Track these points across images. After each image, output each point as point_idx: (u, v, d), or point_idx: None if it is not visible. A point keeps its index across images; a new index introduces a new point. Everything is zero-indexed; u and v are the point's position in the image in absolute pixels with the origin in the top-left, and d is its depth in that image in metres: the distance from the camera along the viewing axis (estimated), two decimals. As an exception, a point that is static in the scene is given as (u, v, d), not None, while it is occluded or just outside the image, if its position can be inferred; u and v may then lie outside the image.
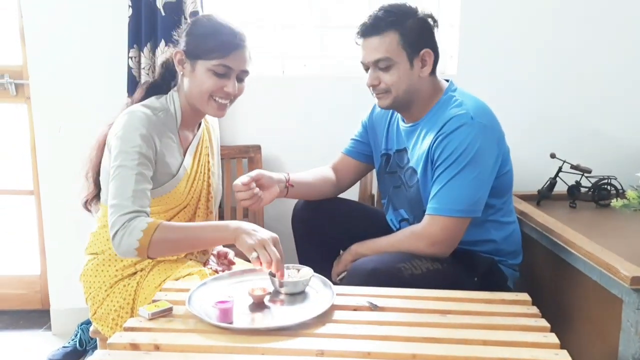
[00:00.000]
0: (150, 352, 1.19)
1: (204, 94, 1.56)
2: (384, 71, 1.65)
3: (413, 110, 1.73)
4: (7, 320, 2.62)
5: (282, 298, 1.43)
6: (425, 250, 1.62)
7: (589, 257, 1.59)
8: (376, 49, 1.64)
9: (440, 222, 1.61)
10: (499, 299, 1.45)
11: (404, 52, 1.64)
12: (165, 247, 1.46)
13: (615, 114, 2.41)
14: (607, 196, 2.10)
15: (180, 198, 1.63)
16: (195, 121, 1.68)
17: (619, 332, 1.49)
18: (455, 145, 1.59)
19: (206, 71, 1.54)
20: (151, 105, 1.59)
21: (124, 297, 1.59)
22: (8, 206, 2.83)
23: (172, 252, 1.57)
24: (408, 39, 1.63)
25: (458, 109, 1.64)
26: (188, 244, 1.52)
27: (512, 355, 1.17)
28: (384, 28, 1.63)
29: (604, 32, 2.35)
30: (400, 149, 1.81)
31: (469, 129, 1.60)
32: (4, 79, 2.47)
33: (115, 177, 1.47)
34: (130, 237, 1.41)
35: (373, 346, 1.20)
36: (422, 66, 1.67)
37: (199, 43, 1.54)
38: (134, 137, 1.49)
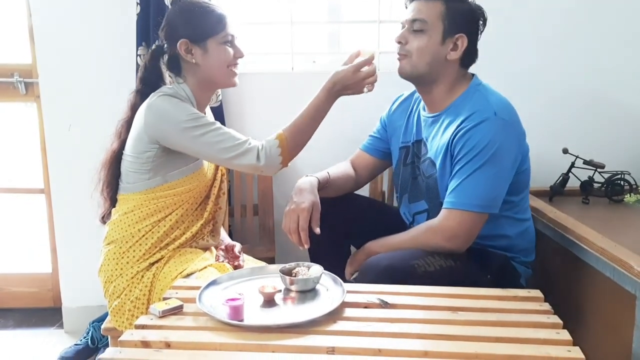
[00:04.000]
0: (161, 350, 1.19)
1: (223, 67, 1.67)
2: (414, 33, 1.66)
3: (435, 94, 1.72)
4: (19, 318, 2.64)
5: (292, 295, 1.43)
6: (442, 244, 1.61)
7: (601, 253, 1.58)
8: (418, 10, 1.65)
9: (458, 216, 1.59)
10: (511, 296, 1.44)
11: (440, 25, 1.64)
12: (299, 138, 1.68)
13: (628, 108, 2.38)
14: (621, 191, 2.08)
15: (203, 178, 1.72)
16: (205, 103, 1.77)
17: (632, 328, 1.48)
18: (476, 140, 1.58)
19: (219, 45, 1.65)
20: (166, 92, 1.65)
21: (141, 288, 1.63)
22: (19, 205, 2.84)
23: (306, 138, 1.72)
24: (450, 16, 1.64)
25: (481, 103, 1.63)
26: (311, 125, 1.70)
27: (524, 352, 1.16)
28: None
29: (618, 25, 2.32)
30: (419, 139, 1.80)
31: (490, 124, 1.59)
32: (14, 77, 2.49)
33: (206, 144, 1.59)
34: (272, 154, 1.62)
35: (384, 343, 1.20)
36: (452, 49, 1.66)
37: (200, 25, 1.63)
38: (178, 110, 1.59)
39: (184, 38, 1.63)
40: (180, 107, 1.60)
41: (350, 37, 2.59)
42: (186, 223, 1.70)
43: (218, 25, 1.63)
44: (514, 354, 1.16)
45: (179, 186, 1.67)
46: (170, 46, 1.67)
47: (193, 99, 1.69)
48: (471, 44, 1.68)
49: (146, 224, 1.65)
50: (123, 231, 1.67)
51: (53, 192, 2.48)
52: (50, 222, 2.59)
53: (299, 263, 1.51)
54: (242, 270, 1.57)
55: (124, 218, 1.67)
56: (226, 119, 2.38)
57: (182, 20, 1.64)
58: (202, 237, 1.76)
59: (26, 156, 2.69)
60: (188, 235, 1.71)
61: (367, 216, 1.89)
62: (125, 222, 1.67)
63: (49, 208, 2.57)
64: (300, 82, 2.41)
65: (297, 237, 1.66)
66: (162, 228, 1.66)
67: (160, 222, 1.66)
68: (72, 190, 2.40)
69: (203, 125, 1.59)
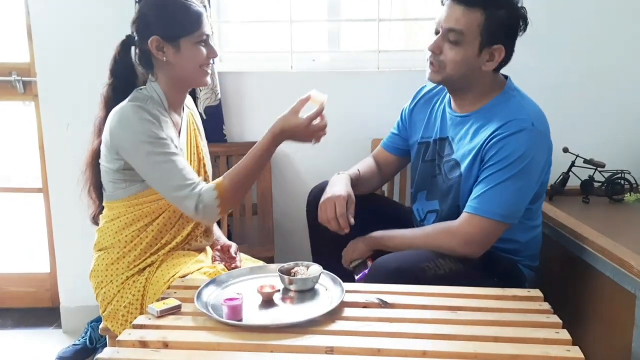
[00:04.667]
0: (159, 350, 1.19)
1: (196, 67, 1.60)
2: (450, 44, 1.58)
3: (467, 98, 1.68)
4: (17, 318, 2.63)
5: (291, 295, 1.42)
6: (457, 248, 1.58)
7: (601, 252, 1.57)
8: (456, 19, 1.56)
9: (480, 222, 1.57)
10: (511, 295, 1.43)
11: (479, 37, 1.57)
12: (238, 189, 1.56)
13: (629, 107, 2.37)
14: (621, 191, 2.07)
15: None
16: (180, 102, 1.70)
17: (632, 328, 1.47)
18: (511, 149, 1.54)
19: (193, 45, 1.57)
20: (135, 97, 1.60)
21: (133, 293, 1.60)
22: (17, 204, 2.83)
23: (246, 188, 1.64)
24: (490, 27, 1.56)
25: (519, 111, 1.59)
26: (253, 169, 1.59)
27: (524, 352, 1.16)
28: (475, 4, 1.56)
29: (618, 24, 2.32)
30: (443, 137, 1.75)
31: (528, 135, 1.55)
32: (12, 76, 2.48)
33: (152, 171, 1.53)
34: (209, 205, 1.50)
35: (383, 343, 1.19)
36: (489, 60, 1.61)
37: (173, 23, 1.56)
38: (142, 126, 1.52)
39: (155, 35, 1.55)
40: (146, 125, 1.52)
41: (350, 36, 2.58)
42: (175, 227, 1.66)
43: (193, 25, 1.56)
44: (514, 354, 1.15)
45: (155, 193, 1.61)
46: (141, 41, 1.59)
47: (165, 99, 1.63)
48: (508, 52, 1.63)
49: (132, 231, 1.62)
50: (111, 238, 1.64)
51: (51, 191, 2.47)
52: (48, 222, 2.58)
53: (298, 263, 1.50)
54: (241, 270, 1.57)
55: (110, 225, 1.65)
56: (225, 118, 2.37)
57: (155, 15, 1.57)
58: (195, 239, 1.73)
59: (24, 155, 2.69)
60: (179, 240, 1.67)
61: (373, 210, 1.86)
62: (111, 229, 1.64)
63: (47, 207, 2.56)
64: (299, 80, 2.41)
65: (336, 223, 1.64)
66: (150, 234, 1.63)
67: (147, 227, 1.63)
68: (71, 189, 2.36)
69: (160, 153, 1.51)
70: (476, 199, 1.58)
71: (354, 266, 1.76)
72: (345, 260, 1.77)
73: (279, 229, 2.41)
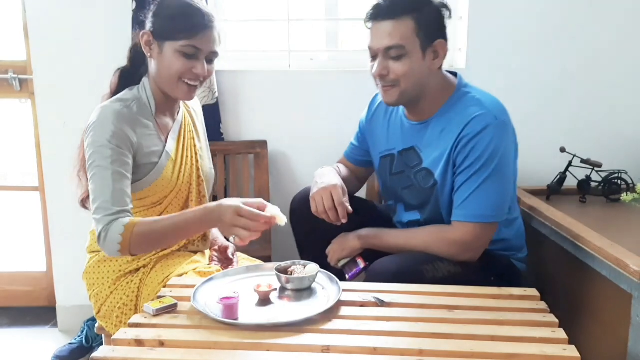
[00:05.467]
0: (154, 348, 1.18)
1: (173, 77, 1.53)
2: (394, 60, 1.55)
3: (422, 106, 1.65)
4: (13, 317, 2.62)
5: (288, 294, 1.42)
6: (457, 256, 1.58)
7: (598, 251, 1.57)
8: (390, 35, 1.53)
9: (472, 228, 1.56)
10: (507, 295, 1.43)
11: (417, 41, 1.54)
12: (146, 242, 1.44)
13: (626, 107, 2.38)
14: (618, 190, 2.07)
15: (170, 184, 1.61)
16: (171, 106, 1.65)
17: (628, 327, 1.47)
18: (482, 148, 1.53)
19: (174, 52, 1.51)
20: (123, 97, 1.57)
21: (127, 294, 1.59)
22: (13, 202, 2.83)
23: (155, 246, 1.53)
24: (424, 27, 1.54)
25: (479, 107, 1.57)
26: (170, 235, 1.47)
27: (520, 351, 1.16)
28: (401, 12, 1.52)
29: (614, 23, 2.32)
30: (407, 147, 1.71)
31: (494, 130, 1.54)
32: (8, 74, 2.47)
33: (92, 178, 1.47)
34: (111, 239, 1.41)
35: (380, 342, 1.19)
36: (434, 58, 1.58)
37: (166, 24, 1.51)
38: (104, 134, 1.47)
39: (149, 29, 1.53)
40: (109, 128, 1.46)
41: (348, 35, 2.58)
42: None
43: (184, 32, 1.49)
44: (510, 353, 1.15)
45: (145, 196, 1.58)
46: (140, 31, 1.56)
47: (153, 101, 1.59)
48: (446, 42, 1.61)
49: None
50: None
51: (47, 190, 2.47)
52: (45, 221, 2.57)
53: (295, 262, 1.50)
54: (238, 269, 1.56)
55: None
56: (222, 116, 2.37)
57: (158, 10, 1.54)
58: (192, 243, 1.71)
59: (21, 153, 2.68)
60: (174, 248, 1.66)
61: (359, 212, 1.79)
62: None
63: (43, 206, 2.56)
64: (297, 80, 2.41)
65: (334, 213, 1.59)
66: None
67: None
68: (67, 188, 2.35)
69: (104, 168, 1.44)
70: (462, 205, 1.58)
71: (342, 265, 1.73)
72: (332, 259, 1.73)
73: (276, 228, 2.39)
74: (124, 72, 1.66)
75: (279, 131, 2.43)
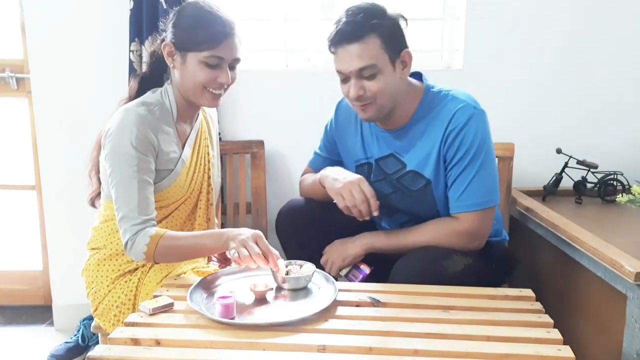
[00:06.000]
0: (151, 347, 1.19)
1: (198, 86, 1.54)
2: (368, 79, 1.56)
3: (395, 116, 1.65)
4: (9, 315, 2.62)
5: (284, 294, 1.42)
6: (467, 246, 1.61)
7: (593, 252, 1.58)
8: (359, 57, 1.53)
9: (477, 216, 1.60)
10: (502, 295, 1.44)
11: (387, 56, 1.55)
12: (169, 254, 1.50)
13: (622, 109, 2.38)
14: (613, 192, 2.08)
15: (182, 191, 1.62)
16: (192, 113, 1.66)
17: (623, 328, 1.48)
18: (470, 139, 1.58)
19: (198, 63, 1.51)
20: (146, 101, 1.57)
21: (125, 293, 1.59)
22: (10, 201, 2.82)
23: (176, 260, 1.56)
24: (389, 41, 1.55)
25: (456, 102, 1.61)
26: (190, 252, 1.52)
27: (515, 351, 1.16)
28: (365, 33, 1.53)
29: (612, 24, 2.32)
30: (385, 155, 1.71)
31: (477, 119, 1.59)
32: (5, 73, 2.47)
33: (116, 185, 1.48)
34: (137, 249, 1.46)
35: (375, 342, 1.19)
36: (403, 67, 1.60)
37: (188, 35, 1.51)
38: (128, 140, 1.48)
39: (171, 40, 1.54)
40: (133, 133, 1.47)
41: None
42: None
43: (206, 43, 1.49)
44: (505, 353, 1.16)
45: (155, 200, 1.55)
46: (162, 41, 1.59)
47: (175, 108, 1.60)
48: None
49: None
50: (104, 239, 1.63)
51: (44, 189, 2.46)
52: (41, 219, 2.57)
53: (291, 261, 1.51)
54: (234, 268, 1.56)
55: (104, 226, 1.64)
56: (219, 116, 2.36)
57: (178, 20, 1.54)
58: None
59: (17, 152, 2.68)
60: None
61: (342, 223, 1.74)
62: (105, 230, 1.63)
63: (40, 205, 2.55)
64: (294, 79, 2.41)
65: (366, 207, 1.57)
66: None
67: None
68: (64, 187, 2.39)
69: (130, 175, 1.47)
70: (461, 197, 1.61)
71: (345, 274, 1.70)
72: (333, 269, 1.69)
73: (272, 227, 2.40)
74: (144, 78, 1.67)
75: (275, 131, 2.43)
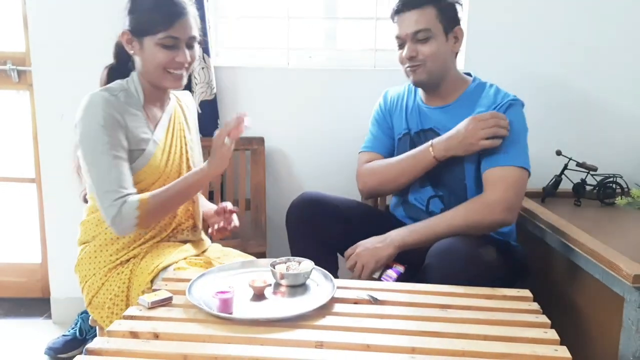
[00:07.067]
0: (149, 341, 1.19)
1: (158, 69, 1.58)
2: (422, 43, 1.72)
3: (441, 90, 1.80)
4: (7, 307, 2.62)
5: (282, 290, 1.43)
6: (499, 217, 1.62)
7: (591, 254, 1.58)
8: (416, 22, 1.71)
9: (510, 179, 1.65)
10: (500, 295, 1.44)
11: (441, 26, 1.72)
12: (162, 209, 1.58)
13: (623, 112, 2.39)
14: (613, 194, 2.08)
15: (158, 171, 1.64)
16: (159, 97, 1.69)
17: (619, 330, 1.48)
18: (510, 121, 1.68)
19: (154, 46, 1.55)
20: (109, 87, 1.62)
21: (119, 285, 1.60)
22: (9, 193, 2.82)
23: (170, 210, 1.64)
24: (445, 14, 1.72)
25: (501, 91, 1.77)
26: (180, 196, 1.60)
27: (512, 351, 1.17)
28: (424, 3, 1.71)
29: (611, 27, 2.33)
30: (426, 129, 1.82)
31: (518, 107, 1.75)
32: (7, 65, 2.47)
33: (91, 165, 1.52)
34: (127, 217, 1.50)
35: (373, 339, 1.20)
36: (455, 42, 1.77)
37: (141, 19, 1.56)
38: (96, 121, 1.52)
39: (127, 27, 1.58)
40: (103, 119, 1.52)
41: (347, 34, 2.58)
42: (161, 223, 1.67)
43: (160, 25, 1.53)
44: (502, 352, 1.16)
45: (135, 182, 1.58)
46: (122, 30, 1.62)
47: (141, 92, 1.64)
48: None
49: None
50: (92, 231, 1.65)
51: (44, 181, 2.46)
52: (40, 212, 2.57)
53: (290, 258, 1.51)
54: (233, 264, 1.57)
55: (91, 218, 1.66)
56: (220, 112, 2.37)
57: (132, 7, 1.58)
58: (181, 232, 1.73)
59: (18, 144, 2.68)
60: (164, 235, 1.69)
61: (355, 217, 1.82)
62: (93, 222, 1.65)
63: (39, 198, 2.55)
64: (295, 77, 2.41)
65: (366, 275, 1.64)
66: None
67: None
68: (63, 180, 2.37)
69: (103, 153, 1.51)
70: (498, 156, 1.67)
71: (379, 276, 1.65)
72: (365, 274, 1.64)
73: (271, 224, 2.41)
74: (112, 69, 1.71)
75: (276, 128, 2.44)
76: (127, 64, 1.68)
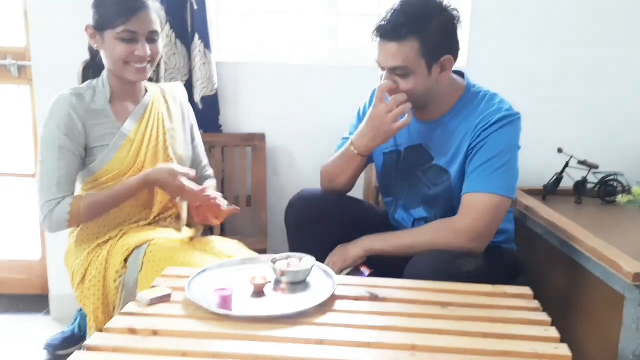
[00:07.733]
0: (148, 337, 1.18)
1: (118, 62, 1.62)
2: (400, 77, 1.57)
3: (431, 109, 1.66)
4: (6, 304, 2.62)
5: (283, 287, 1.42)
6: (465, 245, 1.54)
7: (592, 252, 1.58)
8: (394, 56, 1.53)
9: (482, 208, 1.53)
10: (501, 292, 1.44)
11: (422, 61, 1.54)
12: (98, 207, 1.61)
13: (624, 110, 2.38)
14: (613, 192, 2.08)
15: (127, 162, 1.67)
16: (130, 90, 1.72)
17: (620, 328, 1.48)
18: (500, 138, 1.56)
19: (114, 39, 1.59)
20: (77, 87, 1.68)
21: (96, 266, 1.63)
22: (9, 189, 2.82)
23: (107, 209, 1.65)
24: (428, 47, 1.52)
25: (494, 102, 1.61)
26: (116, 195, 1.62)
27: (512, 348, 1.16)
28: (404, 35, 1.51)
29: (612, 26, 2.32)
30: (414, 145, 1.72)
31: (510, 120, 1.58)
32: (7, 60, 2.46)
33: (40, 162, 1.59)
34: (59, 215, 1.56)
35: (373, 336, 1.20)
36: (441, 71, 1.58)
37: (102, 14, 1.60)
38: (52, 123, 1.59)
39: (91, 22, 1.62)
40: (56, 117, 1.59)
41: (349, 30, 2.58)
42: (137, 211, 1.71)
43: (118, 19, 1.57)
44: (502, 350, 1.16)
45: (102, 176, 1.65)
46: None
47: (107, 88, 1.68)
48: (455, 53, 1.60)
49: None
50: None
51: (44, 177, 2.45)
52: (40, 208, 2.57)
53: (291, 255, 1.50)
54: (233, 261, 1.57)
55: None
56: (221, 108, 2.36)
57: (95, 3, 1.62)
58: (164, 220, 1.76)
59: (18, 140, 2.67)
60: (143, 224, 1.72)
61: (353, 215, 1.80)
62: None
63: (39, 193, 2.55)
64: (297, 73, 2.41)
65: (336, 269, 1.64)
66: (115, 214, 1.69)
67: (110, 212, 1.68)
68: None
69: (47, 152, 1.58)
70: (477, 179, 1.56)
71: (346, 275, 1.68)
72: (334, 271, 1.62)
73: (272, 221, 2.40)
74: (87, 65, 1.77)
75: (277, 124, 2.43)
76: (98, 59, 1.71)
